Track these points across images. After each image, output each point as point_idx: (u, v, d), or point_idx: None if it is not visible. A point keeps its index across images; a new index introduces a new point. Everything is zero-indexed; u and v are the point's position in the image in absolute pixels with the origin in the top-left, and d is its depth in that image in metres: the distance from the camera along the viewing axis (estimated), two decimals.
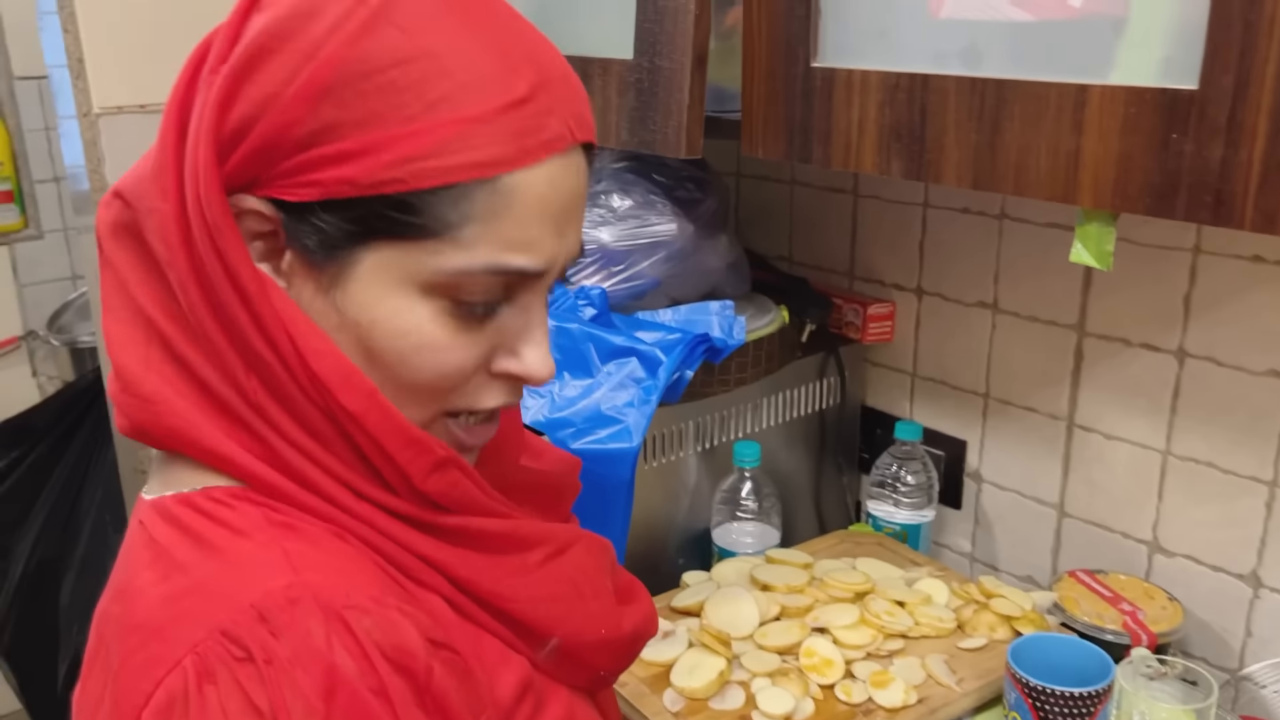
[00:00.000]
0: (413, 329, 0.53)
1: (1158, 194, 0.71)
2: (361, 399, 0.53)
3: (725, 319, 1.14)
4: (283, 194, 0.51)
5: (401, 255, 0.52)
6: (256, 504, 0.53)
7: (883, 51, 0.87)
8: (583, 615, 0.61)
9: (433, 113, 0.50)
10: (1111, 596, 1.08)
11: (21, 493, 1.80)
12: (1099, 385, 1.14)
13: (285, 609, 0.48)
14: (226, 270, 0.52)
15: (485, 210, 0.51)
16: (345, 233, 0.51)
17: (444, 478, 0.55)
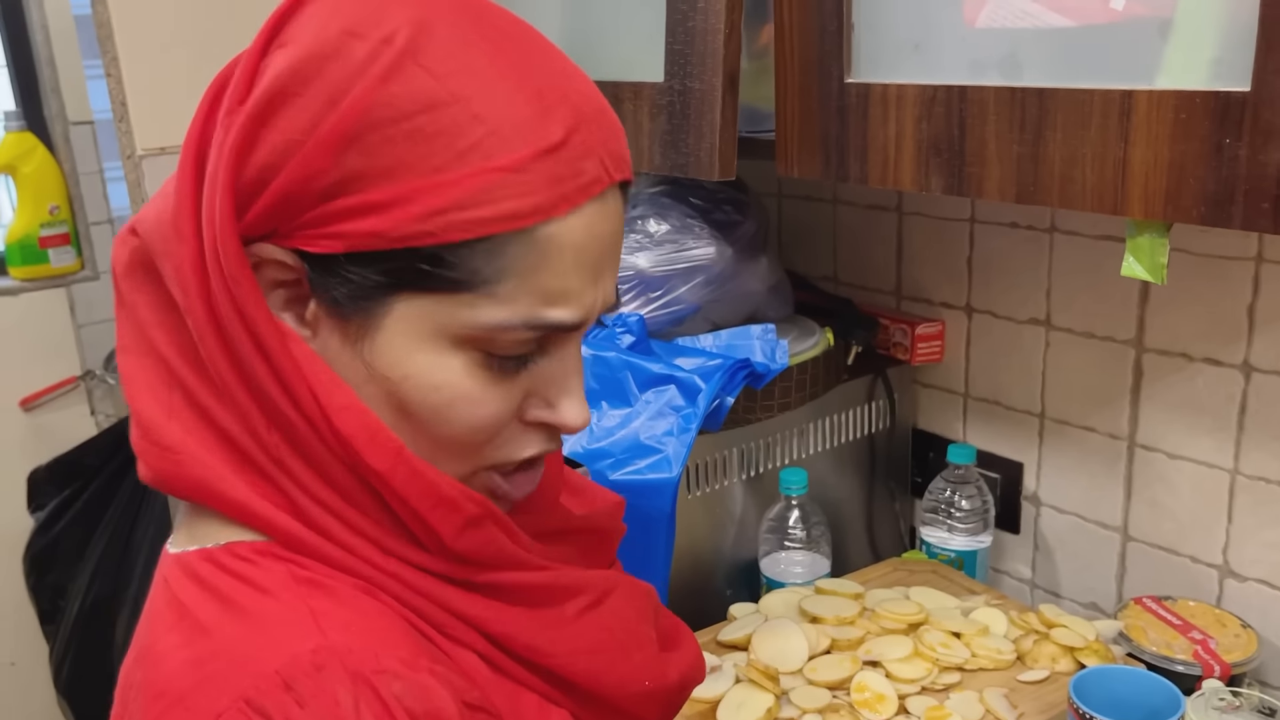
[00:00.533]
0: (446, 383, 0.51)
1: (1212, 202, 0.67)
2: (388, 457, 0.51)
3: (767, 343, 1.11)
4: (306, 245, 0.49)
5: (433, 307, 0.50)
6: (282, 560, 0.52)
7: (918, 64, 0.84)
8: (625, 667, 0.59)
9: (464, 162, 0.47)
10: (1181, 625, 1.03)
11: (76, 530, 1.83)
12: (1160, 403, 1.09)
13: (311, 675, 0.46)
14: (244, 321, 0.50)
15: (521, 263, 0.49)
16: (373, 284, 0.49)
17: (476, 536, 0.53)
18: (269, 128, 0.48)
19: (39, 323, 2.15)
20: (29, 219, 2.11)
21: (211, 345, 0.51)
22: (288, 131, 0.48)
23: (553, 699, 0.56)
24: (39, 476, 1.96)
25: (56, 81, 2.12)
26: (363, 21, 0.48)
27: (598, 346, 1.07)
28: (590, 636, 0.58)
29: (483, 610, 0.54)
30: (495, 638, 0.54)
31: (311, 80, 0.48)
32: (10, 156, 2.08)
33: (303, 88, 0.48)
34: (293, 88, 0.48)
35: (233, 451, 0.52)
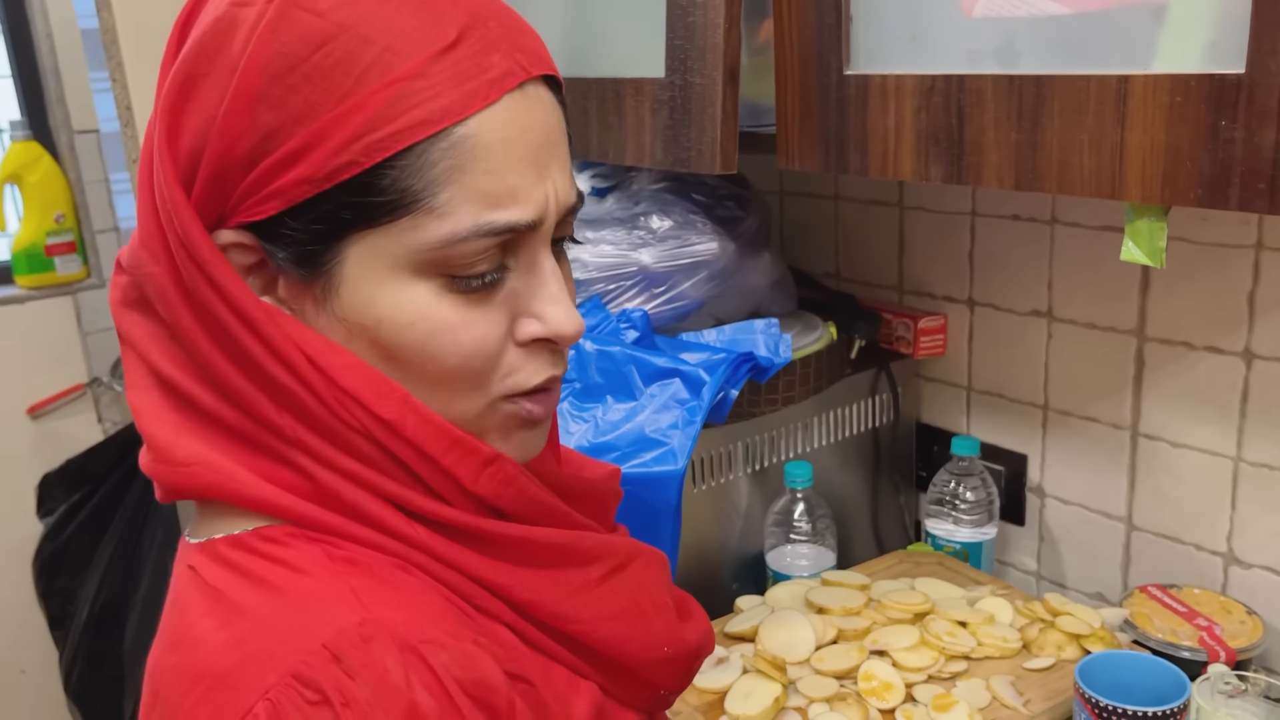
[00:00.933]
0: (418, 315, 0.50)
1: (1209, 184, 0.68)
2: (396, 405, 0.51)
3: (770, 337, 1.12)
4: (250, 215, 0.50)
5: (381, 241, 0.49)
6: (314, 540, 0.51)
7: (915, 55, 0.85)
8: (645, 633, 0.59)
9: (363, 84, 0.47)
10: (1186, 612, 1.03)
11: (85, 535, 1.83)
12: (1162, 392, 1.10)
13: (360, 647, 0.46)
14: (229, 305, 0.50)
15: (450, 168, 0.48)
16: (318, 235, 0.50)
17: (495, 475, 0.53)
18: (187, 112, 0.49)
19: (45, 331, 2.16)
20: (35, 228, 2.13)
21: (205, 346, 0.52)
22: (202, 110, 0.49)
23: (580, 671, 0.56)
24: (48, 481, 1.97)
25: (61, 91, 2.14)
26: None
27: (603, 341, 1.08)
28: (613, 602, 0.57)
29: (509, 578, 0.53)
30: (521, 606, 0.54)
31: (214, 56, 0.49)
32: (16, 166, 2.10)
33: (209, 66, 0.49)
34: (200, 69, 0.49)
35: (246, 449, 0.52)
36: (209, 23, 0.50)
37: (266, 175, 0.49)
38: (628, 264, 1.15)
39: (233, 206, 0.50)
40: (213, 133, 0.49)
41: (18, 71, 2.13)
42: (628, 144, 1.05)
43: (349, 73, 0.47)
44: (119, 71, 1.31)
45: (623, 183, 1.24)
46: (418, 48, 0.48)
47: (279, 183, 0.49)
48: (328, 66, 0.47)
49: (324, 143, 0.48)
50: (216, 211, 0.51)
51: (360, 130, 0.47)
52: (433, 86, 0.48)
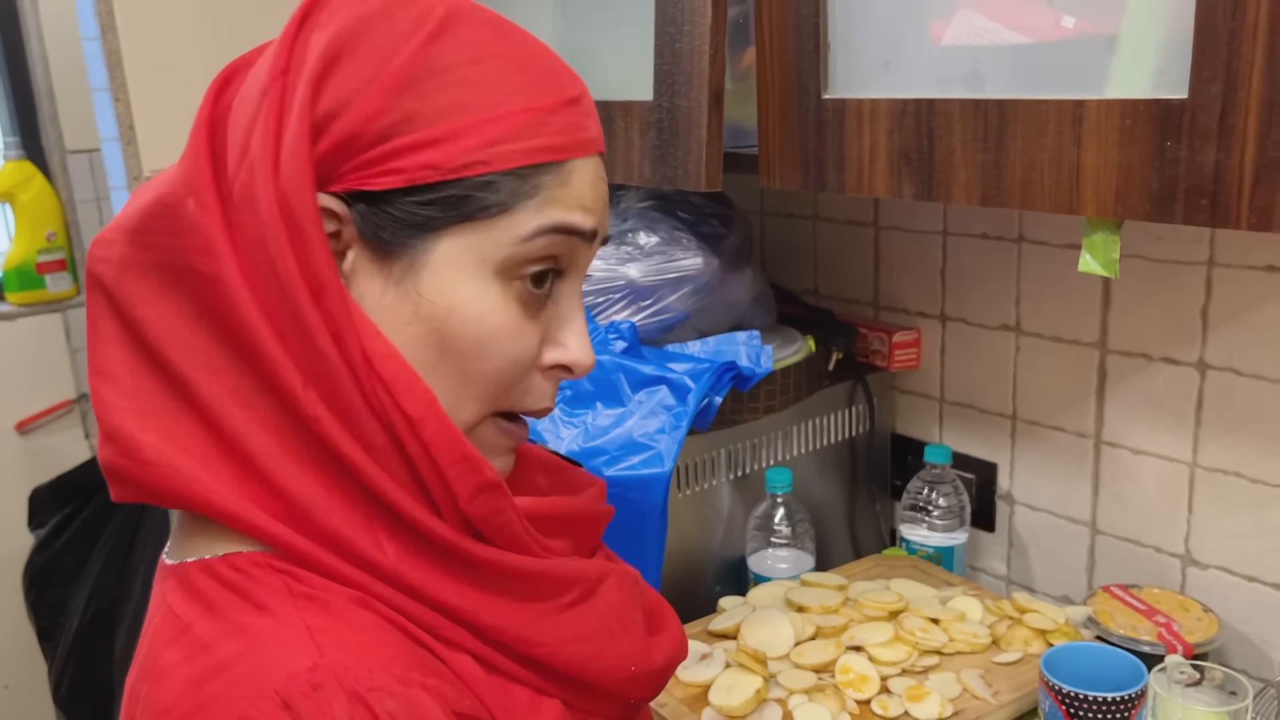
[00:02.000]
0: (489, 312, 0.55)
1: (1157, 200, 0.74)
2: (422, 405, 0.53)
3: (752, 348, 1.17)
4: (363, 184, 0.53)
5: (477, 236, 0.55)
6: (278, 572, 0.53)
7: (889, 80, 0.91)
8: (613, 654, 0.61)
9: (508, 102, 0.54)
10: (1146, 609, 1.08)
11: (75, 548, 1.86)
12: (1124, 401, 1.16)
13: (308, 695, 0.48)
14: (306, 267, 0.52)
15: (549, 188, 0.56)
16: (424, 218, 0.54)
17: (488, 501, 0.55)
18: (330, 78, 0.53)
19: (35, 347, 2.19)
20: (26, 245, 2.16)
21: (246, 308, 0.52)
22: (348, 83, 0.53)
23: (543, 690, 0.59)
24: (40, 495, 1.99)
25: (55, 111, 2.17)
26: (395, 3, 0.55)
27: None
28: (580, 626, 0.59)
29: (476, 603, 0.55)
30: (486, 631, 0.55)
31: (360, 42, 0.53)
32: (9, 184, 2.14)
33: (354, 50, 0.53)
34: (346, 50, 0.53)
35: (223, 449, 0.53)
36: (354, 15, 0.54)
37: (394, 153, 0.53)
38: (616, 278, 1.20)
39: (344, 173, 0.53)
40: (356, 102, 0.53)
41: (11, 92, 2.17)
42: (617, 163, 1.11)
43: (498, 89, 0.54)
44: (122, 91, 1.36)
45: (611, 201, 1.29)
46: (554, 91, 0.56)
47: (406, 161, 0.53)
48: (479, 79, 0.54)
49: (462, 139, 0.53)
50: (325, 171, 0.53)
51: (499, 138, 0.54)
52: (560, 125, 0.56)
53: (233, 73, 0.58)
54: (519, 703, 0.57)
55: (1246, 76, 0.67)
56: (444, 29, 0.55)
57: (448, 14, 0.55)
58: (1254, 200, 0.68)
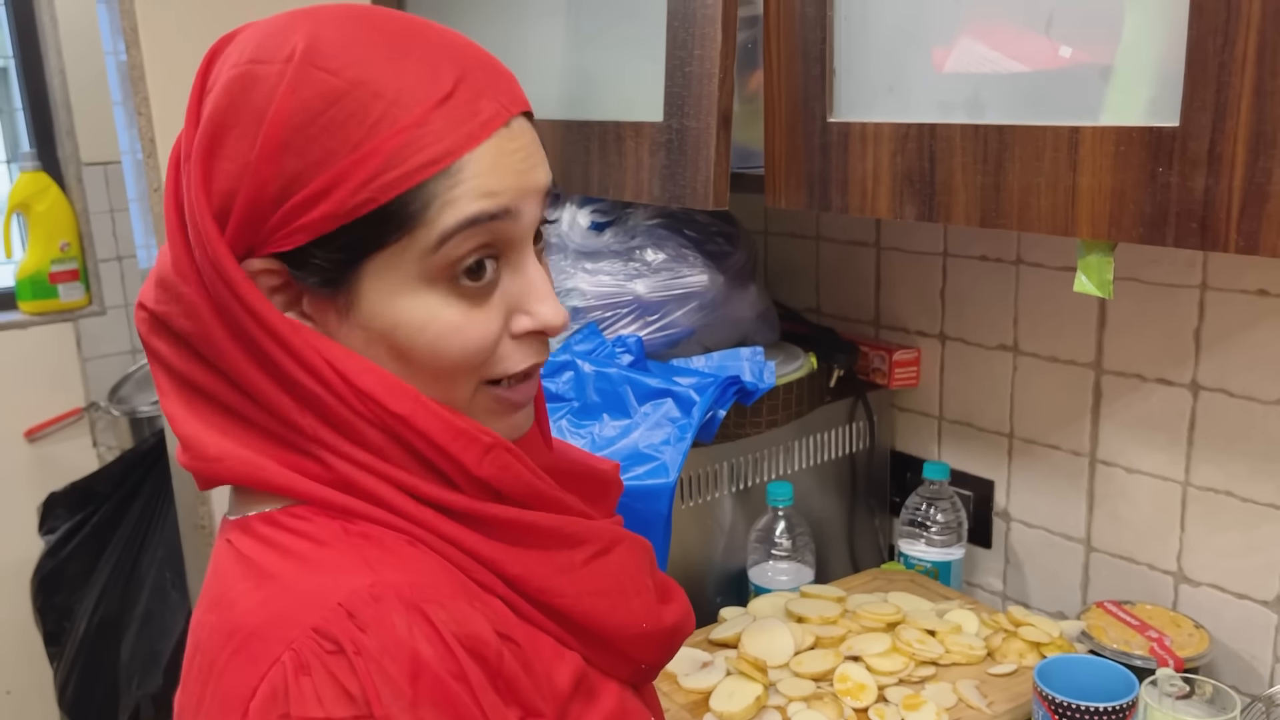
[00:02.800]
0: (430, 318, 0.58)
1: (1149, 223, 0.77)
2: (407, 402, 0.59)
3: (756, 364, 1.20)
4: (279, 247, 0.57)
5: (394, 258, 0.57)
6: (333, 518, 0.59)
7: (893, 105, 0.94)
8: (625, 610, 0.66)
9: (376, 133, 0.55)
10: (1138, 625, 1.11)
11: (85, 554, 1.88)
12: (1118, 421, 1.18)
13: (370, 605, 0.53)
14: (259, 322, 0.58)
15: (442, 192, 0.57)
16: (341, 260, 0.57)
17: (495, 460, 0.60)
18: (218, 158, 0.56)
19: (46, 356, 2.21)
20: (40, 255, 2.19)
21: (235, 357, 0.59)
22: (234, 158, 0.56)
23: (565, 642, 0.63)
24: (53, 501, 2.01)
25: (71, 125, 2.21)
26: (264, 49, 0.57)
27: (600, 364, 1.16)
28: (596, 581, 0.64)
29: (501, 554, 0.60)
30: (512, 579, 0.61)
31: (239, 109, 0.56)
32: (25, 195, 2.17)
33: (235, 119, 0.56)
34: (228, 120, 0.56)
35: (271, 442, 0.60)
36: (231, 78, 0.57)
37: (293, 212, 0.56)
38: (623, 293, 1.23)
39: (262, 239, 0.57)
40: (245, 178, 0.56)
41: (29, 105, 2.20)
42: (627, 181, 1.14)
43: (362, 124, 0.55)
44: (144, 106, 1.39)
45: (620, 218, 1.32)
46: (419, 99, 0.56)
47: (305, 219, 0.56)
48: (343, 119, 0.55)
49: (344, 184, 0.56)
50: (247, 244, 0.58)
51: (375, 172, 0.55)
52: (435, 132, 0.56)
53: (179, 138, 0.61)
54: (544, 647, 0.62)
55: (1235, 106, 0.70)
56: (302, 71, 0.56)
57: (306, 52, 0.56)
58: (1242, 224, 0.71)
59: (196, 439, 0.61)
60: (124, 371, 2.28)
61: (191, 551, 1.60)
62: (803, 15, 0.98)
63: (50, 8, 2.15)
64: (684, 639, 0.72)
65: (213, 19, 1.42)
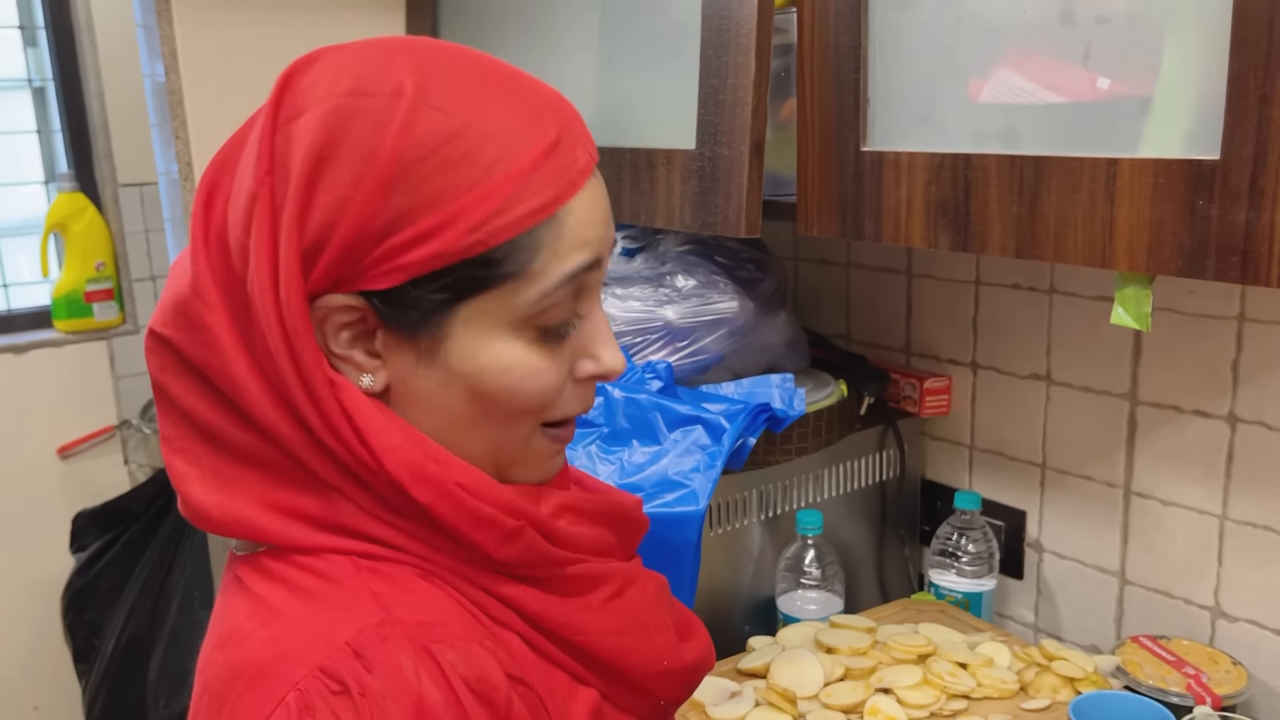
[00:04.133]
0: (515, 363, 0.58)
1: (1188, 256, 0.76)
2: (430, 490, 0.57)
3: (786, 391, 1.20)
4: (373, 284, 0.56)
5: (489, 304, 0.57)
6: (343, 554, 0.58)
7: (927, 135, 0.94)
8: (647, 648, 0.65)
9: (490, 175, 0.55)
10: (1175, 661, 1.09)
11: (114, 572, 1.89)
12: (1153, 453, 1.17)
13: (377, 645, 0.53)
14: (300, 377, 0.56)
15: (550, 240, 0.57)
16: (435, 302, 0.56)
17: (516, 545, 0.59)
18: (318, 191, 0.54)
19: (80, 374, 2.24)
20: (76, 275, 2.22)
21: (256, 395, 0.57)
22: (335, 190, 0.54)
23: (582, 678, 0.62)
24: (84, 519, 2.03)
25: (109, 146, 2.24)
26: (365, 81, 0.56)
27: (629, 389, 1.16)
28: (618, 620, 0.64)
29: (520, 592, 0.60)
30: (532, 617, 0.60)
31: (341, 141, 0.54)
32: (62, 215, 2.20)
33: (336, 149, 0.54)
34: (327, 151, 0.54)
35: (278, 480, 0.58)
36: (330, 110, 0.55)
37: (395, 250, 0.55)
38: (653, 319, 1.23)
39: (355, 275, 0.56)
40: (347, 212, 0.54)
41: (68, 126, 2.24)
42: (658, 208, 1.14)
43: (475, 165, 0.55)
44: (182, 129, 1.41)
45: (650, 244, 1.33)
46: (530, 145, 0.56)
47: (408, 257, 0.55)
48: (457, 158, 0.55)
49: (455, 224, 0.55)
50: (335, 278, 0.56)
51: (488, 215, 0.55)
52: (544, 179, 0.56)
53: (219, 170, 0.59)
54: (560, 686, 0.61)
55: (1277, 140, 0.70)
56: (416, 110, 0.55)
57: (417, 89, 0.55)
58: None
59: (197, 501, 0.59)
60: None
61: (219, 571, 1.61)
62: (836, 45, 0.99)
63: (89, 31, 2.19)
64: (704, 676, 0.71)
65: (251, 44, 1.44)
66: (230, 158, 0.59)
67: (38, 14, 2.21)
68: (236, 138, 0.60)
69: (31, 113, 2.27)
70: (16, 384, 2.14)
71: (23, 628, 2.14)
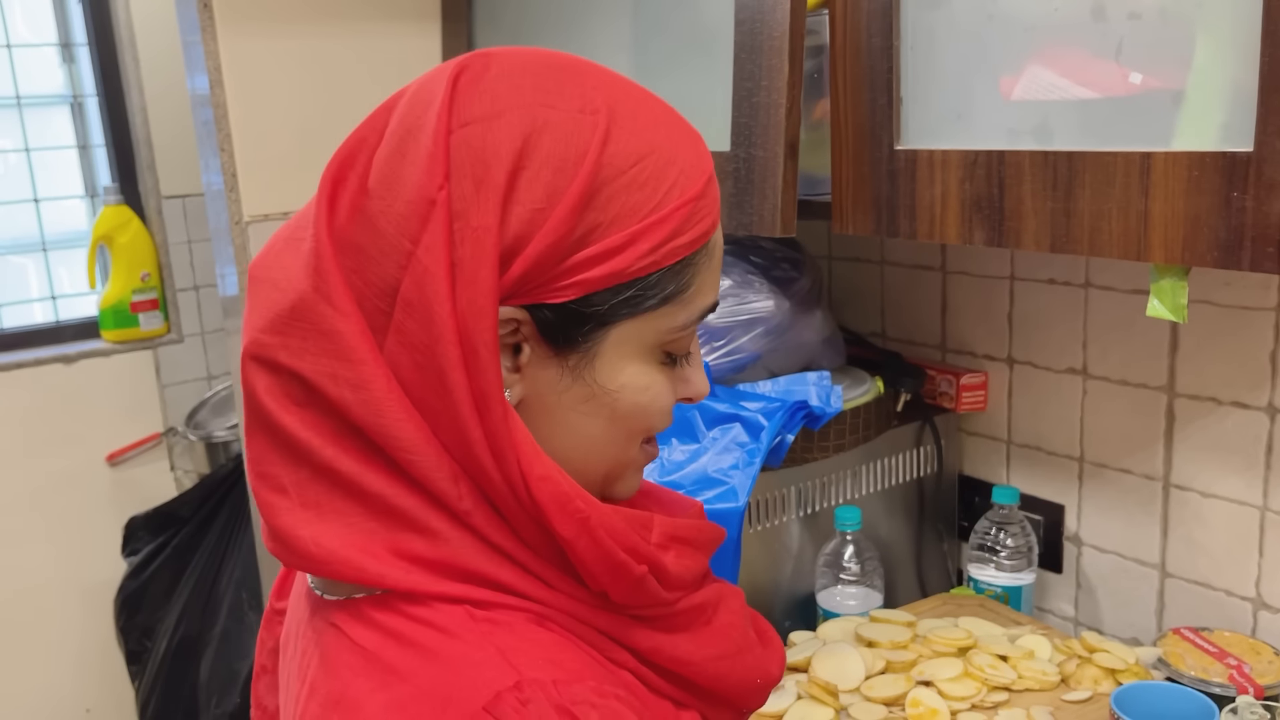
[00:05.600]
0: (650, 382, 0.60)
1: (1224, 248, 0.77)
2: (574, 526, 0.55)
3: (823, 388, 1.21)
4: (548, 297, 0.55)
5: (643, 325, 0.58)
6: (454, 602, 0.55)
7: (960, 132, 0.95)
8: (743, 669, 0.65)
9: (669, 199, 0.56)
10: (1216, 652, 1.09)
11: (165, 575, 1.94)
12: (1192, 445, 1.17)
13: (519, 710, 0.50)
14: (474, 391, 0.53)
15: (703, 267, 0.59)
16: (600, 316, 0.56)
17: (639, 593, 0.58)
18: (513, 201, 0.54)
19: (127, 382, 2.29)
20: (122, 285, 2.27)
21: (394, 410, 0.54)
22: (528, 203, 0.53)
23: (683, 703, 0.63)
24: (136, 524, 2.08)
25: (152, 159, 2.29)
26: (552, 94, 0.56)
27: None
28: (715, 646, 0.63)
29: (631, 629, 0.59)
30: (643, 653, 0.59)
31: (532, 153, 0.54)
32: (108, 228, 2.25)
33: (527, 160, 0.54)
34: (522, 161, 0.54)
35: (379, 517, 0.55)
36: (521, 119, 0.54)
37: (579, 266, 0.55)
38: None
39: (536, 288, 0.55)
40: (542, 224, 0.54)
41: (112, 140, 2.29)
42: None
43: (660, 186, 0.56)
44: (227, 142, 1.44)
45: None
46: (699, 173, 0.58)
47: (590, 273, 0.55)
48: (644, 180, 0.56)
49: (638, 244, 0.55)
50: (515, 290, 0.55)
51: (666, 237, 0.56)
52: (707, 206, 0.58)
53: (345, 166, 0.57)
54: (667, 715, 0.61)
55: None
56: (611, 130, 0.55)
57: (610, 110, 0.56)
58: None
59: (289, 534, 0.56)
60: (200, 397, 2.34)
61: (268, 573, 1.64)
62: (869, 45, 1.00)
63: (132, 46, 2.23)
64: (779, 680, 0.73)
65: (293, 56, 1.48)
66: (357, 152, 0.57)
67: (76, 31, 2.26)
68: (364, 131, 0.57)
69: (71, 128, 2.32)
70: (66, 393, 2.20)
71: (77, 631, 2.19)
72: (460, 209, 0.53)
